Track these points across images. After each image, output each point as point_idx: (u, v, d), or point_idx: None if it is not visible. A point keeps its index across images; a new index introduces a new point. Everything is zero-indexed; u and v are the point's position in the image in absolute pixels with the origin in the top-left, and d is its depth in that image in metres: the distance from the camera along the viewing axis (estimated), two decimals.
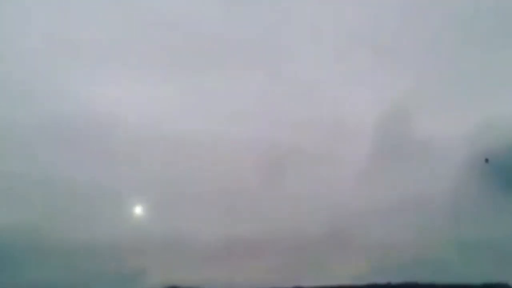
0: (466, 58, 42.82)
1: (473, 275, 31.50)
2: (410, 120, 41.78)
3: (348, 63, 43.55)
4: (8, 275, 31.61)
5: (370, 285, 32.65)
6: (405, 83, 42.15)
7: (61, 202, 35.68)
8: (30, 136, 37.67)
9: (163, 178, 37.71)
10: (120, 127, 39.47)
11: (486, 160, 35.58)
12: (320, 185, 38.04)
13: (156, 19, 43.40)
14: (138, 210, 37.19)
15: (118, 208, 36.56)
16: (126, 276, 33.08)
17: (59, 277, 31.51)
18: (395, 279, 32.76)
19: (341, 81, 43.30)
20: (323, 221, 36.39)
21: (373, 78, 43.45)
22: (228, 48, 43.95)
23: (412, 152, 40.08)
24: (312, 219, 36.46)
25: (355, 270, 34.37)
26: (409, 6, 43.96)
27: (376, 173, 39.29)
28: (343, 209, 36.78)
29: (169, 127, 40.14)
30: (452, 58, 43.45)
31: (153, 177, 37.61)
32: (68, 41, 41.99)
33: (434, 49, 43.87)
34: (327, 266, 34.93)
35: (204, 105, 42.10)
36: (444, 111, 40.84)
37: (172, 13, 43.15)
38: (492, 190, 36.28)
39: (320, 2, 44.78)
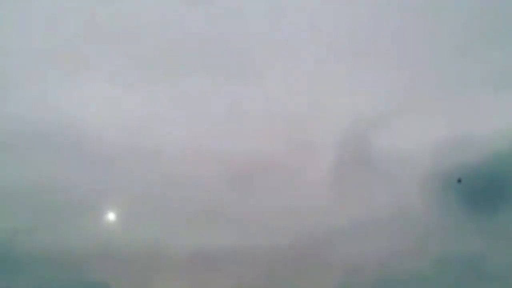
0: (434, 71, 42.06)
1: None
2: (379, 135, 40.99)
3: (319, 78, 43.10)
4: None
5: None
6: (374, 97, 41.67)
7: (29, 210, 36.28)
8: None
9: (133, 187, 37.88)
10: (90, 135, 39.68)
11: (459, 180, 34.86)
12: (290, 199, 37.98)
13: (131, 23, 42.90)
14: (107, 219, 37.51)
15: (86, 217, 36.93)
16: (93, 285, 33.36)
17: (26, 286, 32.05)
18: None
19: (312, 96, 42.86)
20: (295, 235, 36.32)
21: (341, 93, 42.75)
22: (203, 54, 43.62)
23: (382, 167, 39.56)
24: (283, 233, 36.33)
25: (324, 285, 34.01)
26: (379, 17, 42.90)
27: (347, 188, 38.97)
28: (313, 223, 36.71)
29: (141, 136, 40.49)
30: (421, 71, 42.29)
31: (123, 186, 37.83)
32: (41, 47, 42.06)
33: (399, 64, 42.52)
34: (296, 279, 34.70)
35: (176, 114, 42.12)
36: (413, 125, 40.19)
37: (150, 16, 42.79)
38: (458, 205, 36.34)
39: (294, 17, 44.09)
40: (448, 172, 36.90)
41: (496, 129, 37.36)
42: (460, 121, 39.08)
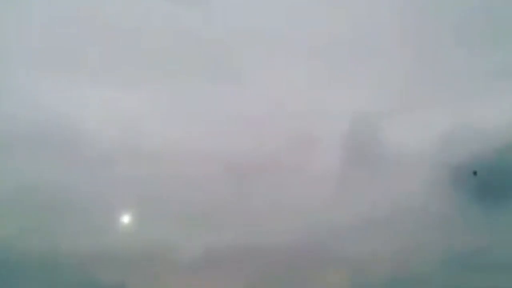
0: (437, 66, 42.33)
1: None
2: (381, 131, 41.15)
3: (318, 75, 43.04)
4: None
5: None
6: (374, 94, 41.74)
7: (37, 213, 35.83)
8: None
9: (134, 188, 37.65)
10: (88, 136, 39.46)
11: (475, 173, 35.03)
12: (295, 198, 38.03)
13: (118, 23, 42.53)
14: (111, 221, 37.18)
15: (93, 220, 36.49)
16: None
17: None
18: None
19: (312, 92, 42.78)
20: (299, 233, 36.31)
21: (342, 89, 42.67)
22: (199, 54, 43.37)
23: (385, 163, 39.62)
24: (289, 232, 36.32)
25: (332, 284, 34.05)
26: (380, 12, 43.11)
27: (349, 185, 38.96)
28: (318, 222, 36.73)
29: (140, 137, 40.26)
30: (423, 66, 42.57)
31: (124, 188, 37.60)
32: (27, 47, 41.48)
33: (401, 60, 42.62)
34: (302, 278, 34.72)
35: (176, 115, 41.89)
36: (414, 121, 40.35)
37: (146, 17, 42.79)
38: (465, 199, 36.50)
39: (291, 14, 44.01)
40: (453, 166, 37.23)
41: (500, 122, 37.78)
42: (464, 116, 39.46)
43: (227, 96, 42.32)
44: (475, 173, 35.35)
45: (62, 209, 36.01)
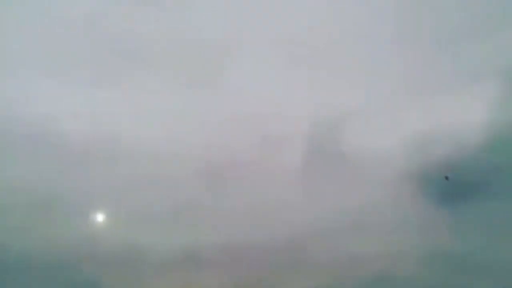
0: (403, 70, 42.68)
1: None
2: (350, 131, 41.72)
3: (285, 73, 43.34)
4: None
5: None
6: (341, 95, 42.00)
7: (9, 212, 35.50)
8: None
9: (113, 189, 37.61)
10: (67, 136, 39.26)
11: (447, 178, 35.80)
12: (268, 199, 38.46)
13: (97, 24, 42.49)
14: (92, 221, 37.13)
15: (68, 219, 36.36)
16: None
17: None
18: None
19: (281, 91, 43.15)
20: (274, 233, 36.73)
21: (310, 89, 43.17)
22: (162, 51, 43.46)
23: (354, 165, 40.19)
24: (264, 232, 36.76)
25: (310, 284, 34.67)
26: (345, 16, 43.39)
27: (323, 186, 39.50)
28: (291, 222, 37.18)
29: (117, 136, 40.07)
30: (389, 70, 42.91)
31: (104, 189, 37.49)
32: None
33: (370, 60, 43.20)
34: (279, 279, 35.19)
35: (151, 117, 41.90)
36: (386, 122, 41.10)
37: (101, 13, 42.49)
38: (426, 202, 36.98)
39: (262, 14, 44.03)
40: (423, 167, 37.93)
41: (470, 123, 38.50)
42: (431, 117, 40.23)
43: (203, 98, 42.46)
44: (446, 178, 36.01)
45: (35, 209, 35.81)
